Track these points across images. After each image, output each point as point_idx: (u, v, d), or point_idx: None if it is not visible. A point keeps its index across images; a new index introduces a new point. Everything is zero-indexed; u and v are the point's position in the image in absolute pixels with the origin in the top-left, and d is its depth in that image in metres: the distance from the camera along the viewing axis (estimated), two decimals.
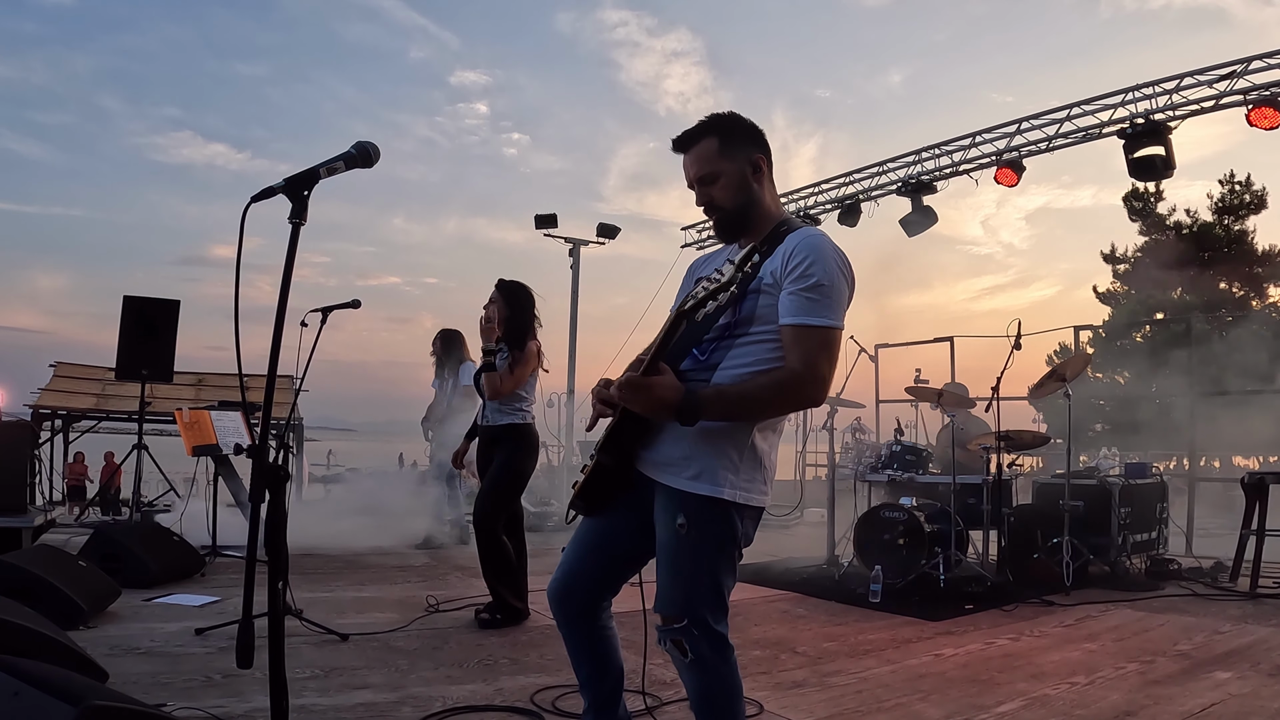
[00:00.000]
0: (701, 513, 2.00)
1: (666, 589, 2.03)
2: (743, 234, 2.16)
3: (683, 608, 2.00)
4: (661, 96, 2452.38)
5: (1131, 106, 8.18)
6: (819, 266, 1.96)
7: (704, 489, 1.99)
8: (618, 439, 2.05)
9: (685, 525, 1.99)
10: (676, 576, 2.02)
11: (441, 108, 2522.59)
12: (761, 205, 2.14)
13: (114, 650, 3.69)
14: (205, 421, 6.50)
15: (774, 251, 2.03)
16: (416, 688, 3.38)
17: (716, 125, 2.13)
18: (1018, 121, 9.20)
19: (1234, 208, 21.25)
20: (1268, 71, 7.31)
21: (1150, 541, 6.67)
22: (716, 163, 2.11)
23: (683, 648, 2.00)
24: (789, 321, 1.96)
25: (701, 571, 2.01)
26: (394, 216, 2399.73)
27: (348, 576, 5.91)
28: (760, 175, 2.14)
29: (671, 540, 2.02)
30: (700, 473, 2.00)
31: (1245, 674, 3.79)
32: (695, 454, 2.00)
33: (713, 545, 2.02)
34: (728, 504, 2.01)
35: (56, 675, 2.04)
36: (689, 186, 2.17)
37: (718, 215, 2.15)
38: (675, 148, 2.16)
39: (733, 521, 2.04)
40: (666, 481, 2.03)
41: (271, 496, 1.83)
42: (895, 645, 4.36)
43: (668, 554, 2.03)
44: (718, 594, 2.03)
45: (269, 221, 2.29)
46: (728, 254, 2.21)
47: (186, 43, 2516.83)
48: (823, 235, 2.07)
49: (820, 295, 1.95)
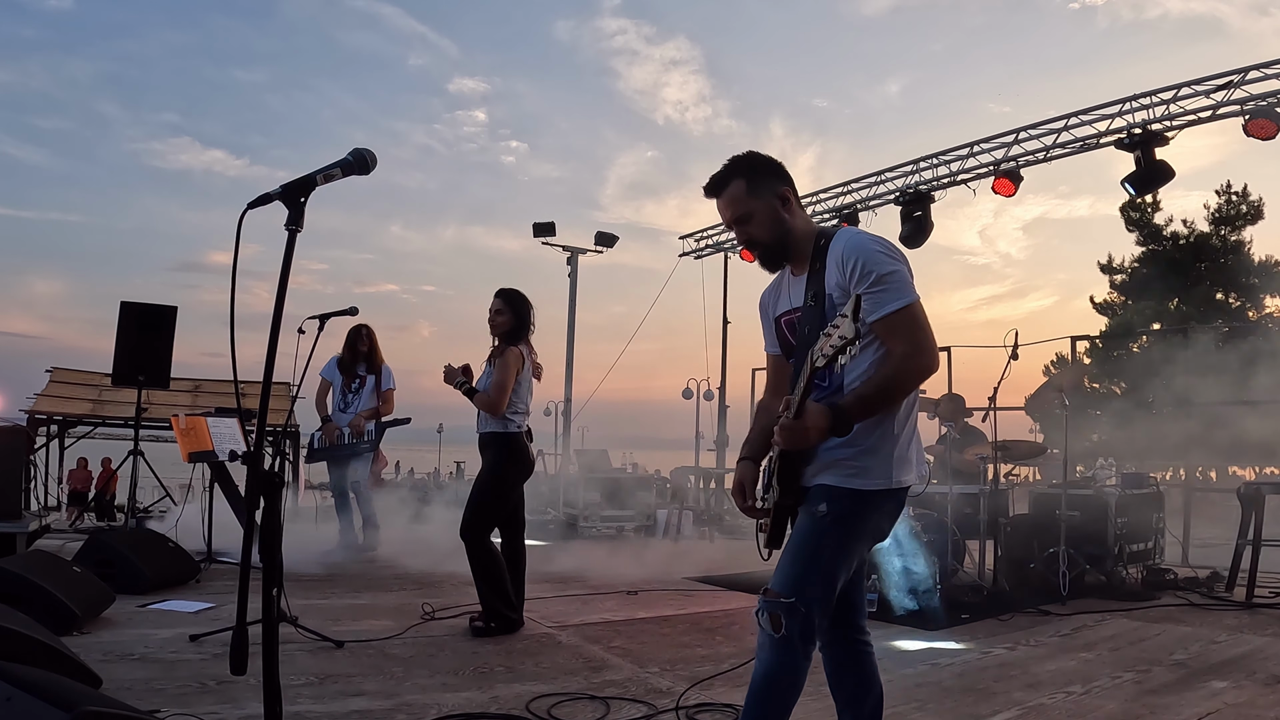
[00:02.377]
0: (843, 503, 2.14)
1: (785, 567, 2.16)
2: (785, 261, 2.36)
3: (794, 588, 2.10)
4: (660, 105, 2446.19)
5: (1129, 117, 8.22)
6: (870, 260, 2.12)
7: (853, 483, 2.14)
8: (788, 476, 2.20)
9: (825, 513, 2.13)
10: (797, 559, 2.15)
11: (440, 115, 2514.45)
12: (795, 233, 2.30)
13: (108, 656, 3.67)
14: (201, 428, 6.49)
15: (826, 266, 2.19)
16: (411, 695, 3.37)
17: (741, 167, 2.29)
18: (1015, 132, 9.24)
19: (1231, 218, 21.32)
20: (1264, 82, 7.35)
21: (1146, 551, 6.67)
22: (748, 203, 2.27)
23: (778, 622, 2.09)
24: (876, 318, 2.11)
25: (822, 558, 2.13)
26: (392, 224, 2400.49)
27: (343, 584, 5.89)
28: (789, 206, 2.30)
29: (807, 525, 2.17)
30: (853, 470, 2.15)
31: (1241, 684, 3.79)
32: (851, 455, 2.15)
33: (843, 533, 2.15)
34: (871, 496, 2.16)
35: (49, 681, 2.03)
36: (727, 227, 2.39)
37: (759, 250, 2.32)
38: (707, 193, 2.33)
39: (871, 514, 2.18)
40: (822, 482, 2.17)
41: (267, 503, 1.83)
42: (891, 655, 4.35)
43: (798, 537, 2.18)
44: (829, 585, 2.14)
45: (266, 228, 2.30)
46: (788, 283, 2.39)
47: (185, 49, 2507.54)
48: (856, 231, 2.25)
49: (886, 283, 2.11)
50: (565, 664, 4.00)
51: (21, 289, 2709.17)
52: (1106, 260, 23.15)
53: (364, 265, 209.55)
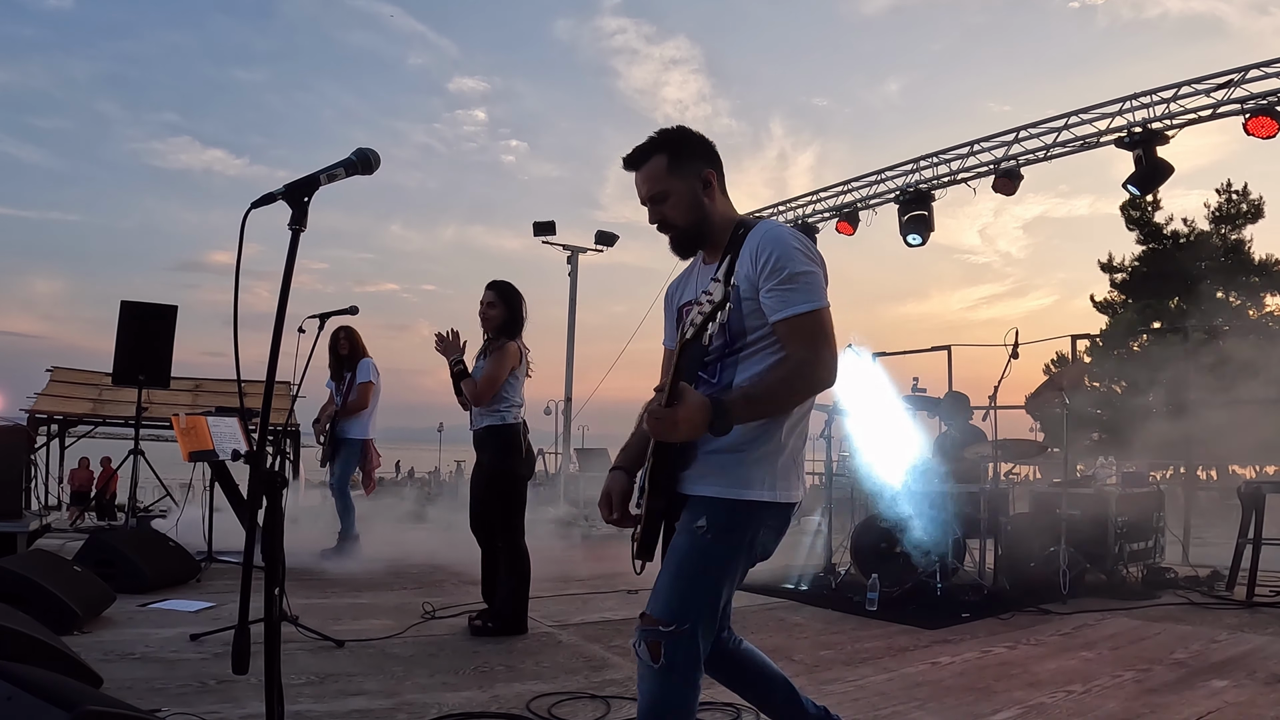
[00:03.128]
0: (724, 517, 1.98)
1: (663, 591, 1.97)
2: (698, 249, 2.21)
3: (675, 613, 1.93)
4: (660, 104, 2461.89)
5: (1129, 116, 8.22)
6: (785, 256, 1.99)
7: (734, 493, 1.99)
8: (659, 480, 2.03)
9: (705, 528, 1.97)
10: (678, 580, 1.97)
11: (440, 115, 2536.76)
12: (713, 219, 2.15)
13: (108, 656, 3.68)
14: (202, 427, 6.49)
15: (740, 256, 2.05)
16: (412, 694, 3.37)
17: (666, 143, 2.14)
18: (1015, 131, 9.23)
19: (1231, 217, 21.33)
20: (1265, 81, 7.34)
21: (1147, 550, 6.67)
22: (666, 181, 2.12)
23: (658, 651, 1.91)
24: (779, 318, 1.97)
25: (706, 577, 1.98)
26: (392, 223, 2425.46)
27: (344, 583, 5.89)
28: (711, 190, 2.15)
29: (685, 543, 2.00)
30: (733, 480, 2.00)
31: (1241, 682, 3.79)
32: (731, 463, 2.01)
33: (726, 550, 1.99)
34: (754, 507, 2.00)
35: (50, 680, 2.03)
36: (641, 203, 2.18)
37: (671, 233, 2.16)
38: (626, 165, 2.16)
39: (755, 527, 2.02)
40: (699, 492, 2.02)
41: (268, 503, 1.83)
42: (892, 653, 4.35)
43: (676, 556, 2.00)
44: (714, 605, 1.99)
45: (267, 228, 2.30)
46: (698, 272, 2.24)
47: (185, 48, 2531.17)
48: (778, 225, 2.10)
49: (797, 283, 1.97)
50: (566, 663, 4.01)
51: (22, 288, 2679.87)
52: (1107, 259, 23.19)
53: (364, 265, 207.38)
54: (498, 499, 4.55)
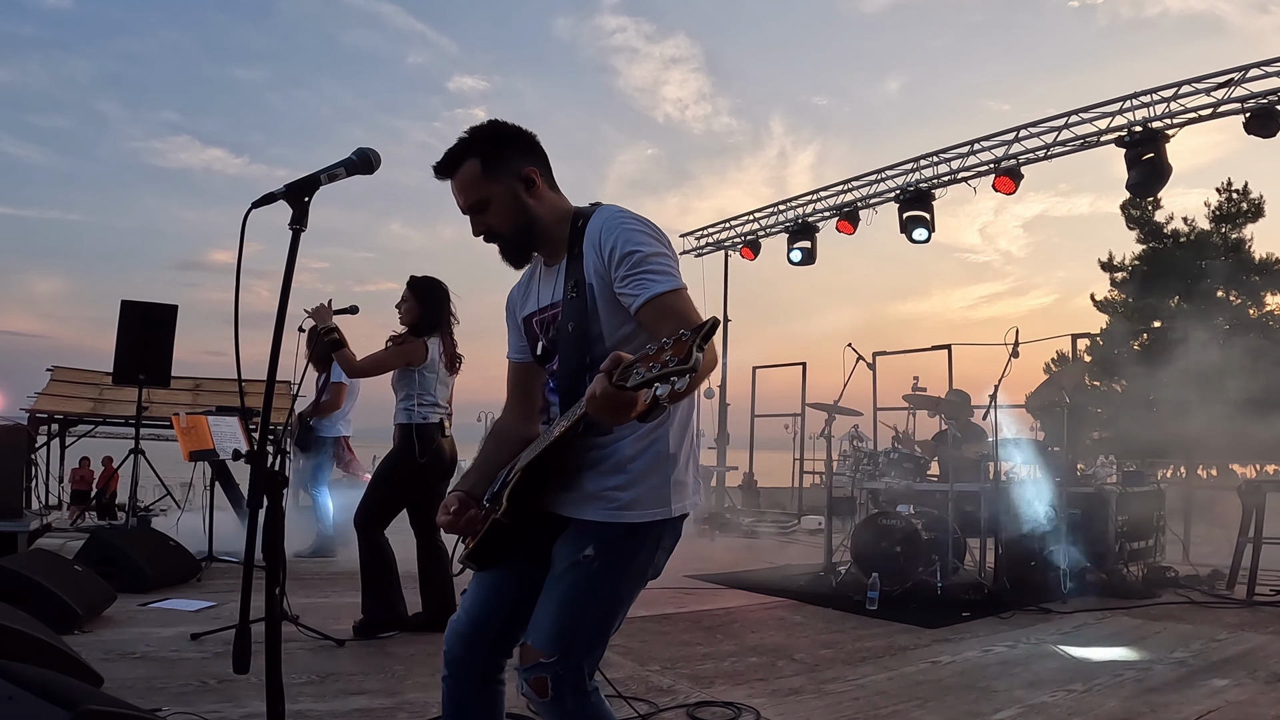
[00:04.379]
0: (616, 542, 1.83)
1: (546, 623, 1.81)
2: (530, 254, 2.02)
3: (558, 644, 1.79)
4: (660, 103, 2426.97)
5: (1129, 115, 8.22)
6: (628, 240, 1.81)
7: (627, 516, 1.83)
8: (523, 498, 1.85)
9: (593, 555, 1.81)
10: (562, 609, 1.81)
11: (440, 113, 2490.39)
12: (541, 221, 1.95)
13: (109, 655, 3.68)
14: (202, 427, 6.49)
15: (584, 251, 1.88)
16: (412, 693, 3.37)
17: (475, 145, 1.93)
18: (1016, 129, 9.23)
19: (1231, 216, 21.31)
20: (1265, 80, 7.34)
21: (1147, 549, 6.68)
22: (483, 188, 1.92)
23: (543, 686, 1.78)
24: (641, 302, 1.77)
25: (594, 605, 1.83)
26: (392, 222, 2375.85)
27: (344, 582, 5.89)
28: (536, 189, 1.95)
29: (569, 573, 1.83)
30: (626, 502, 1.84)
31: (1242, 681, 3.79)
32: (623, 484, 1.85)
33: (617, 577, 1.84)
34: (650, 528, 1.85)
35: (51, 680, 2.03)
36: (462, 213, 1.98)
37: (498, 243, 1.97)
38: (437, 174, 1.97)
39: (651, 549, 1.88)
40: (586, 517, 1.85)
41: (269, 502, 1.82)
42: (892, 652, 4.35)
43: (559, 586, 1.83)
44: (602, 634, 1.86)
45: (267, 227, 2.30)
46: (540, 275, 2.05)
47: (185, 47, 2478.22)
48: (615, 209, 1.91)
49: (647, 265, 1.79)
50: None
51: (22, 288, 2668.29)
52: (1107, 258, 23.15)
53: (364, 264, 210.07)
54: (372, 492, 4.46)
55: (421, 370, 4.46)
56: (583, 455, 1.84)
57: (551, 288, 1.97)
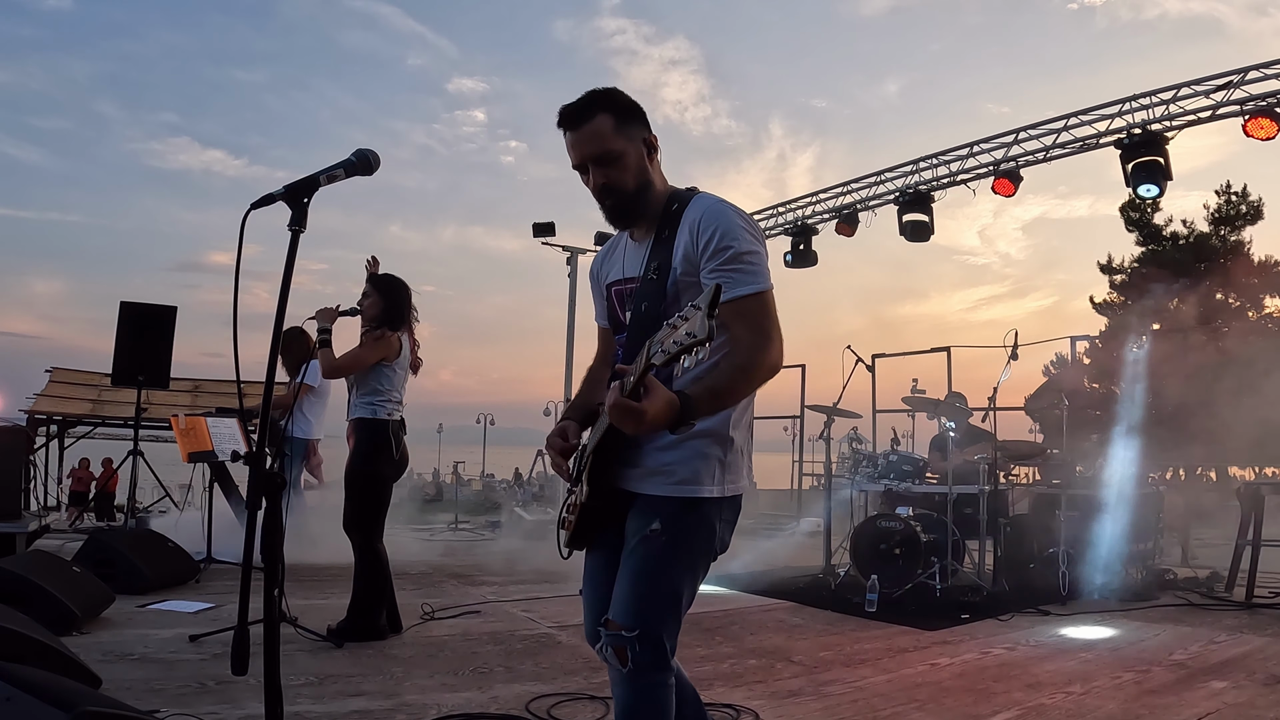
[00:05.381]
0: (680, 518, 1.92)
1: (624, 596, 1.91)
2: (638, 218, 2.05)
3: (636, 617, 1.88)
4: (659, 105, 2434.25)
5: (1129, 117, 8.22)
6: (729, 233, 1.88)
7: (686, 491, 1.93)
8: (599, 476, 1.96)
9: (660, 530, 1.91)
10: (637, 583, 1.91)
11: (439, 115, 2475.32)
12: (655, 188, 2.03)
13: (107, 656, 3.67)
14: (201, 428, 6.49)
15: (677, 233, 1.95)
16: (411, 695, 3.37)
17: (610, 102, 1.99)
18: (1015, 132, 9.24)
19: (1230, 218, 21.32)
20: (1264, 82, 7.35)
21: (1146, 551, 6.68)
22: (613, 140, 1.97)
23: (624, 656, 1.87)
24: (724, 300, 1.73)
25: (666, 580, 1.92)
26: (391, 224, 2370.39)
27: (343, 584, 5.88)
28: (654, 156, 2.05)
29: (640, 547, 1.93)
30: (684, 477, 1.93)
31: (1241, 683, 3.79)
32: (680, 460, 1.94)
33: (684, 551, 1.93)
34: (709, 504, 1.95)
35: (49, 681, 2.03)
36: (576, 167, 2.03)
37: (614, 199, 2.00)
38: (565, 123, 2.00)
39: (712, 524, 1.97)
40: (648, 491, 1.95)
41: (268, 504, 1.82)
42: (891, 655, 4.35)
43: (632, 561, 1.93)
44: (676, 606, 1.94)
45: (267, 229, 2.30)
46: (625, 248, 2.13)
47: (184, 49, 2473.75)
48: (719, 199, 1.99)
49: (742, 263, 1.87)
50: (565, 664, 4.01)
51: (21, 289, 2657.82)
52: (1106, 260, 23.17)
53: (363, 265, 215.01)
54: (355, 497, 4.37)
55: (393, 366, 4.42)
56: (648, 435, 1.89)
57: (636, 263, 2.04)
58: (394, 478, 4.51)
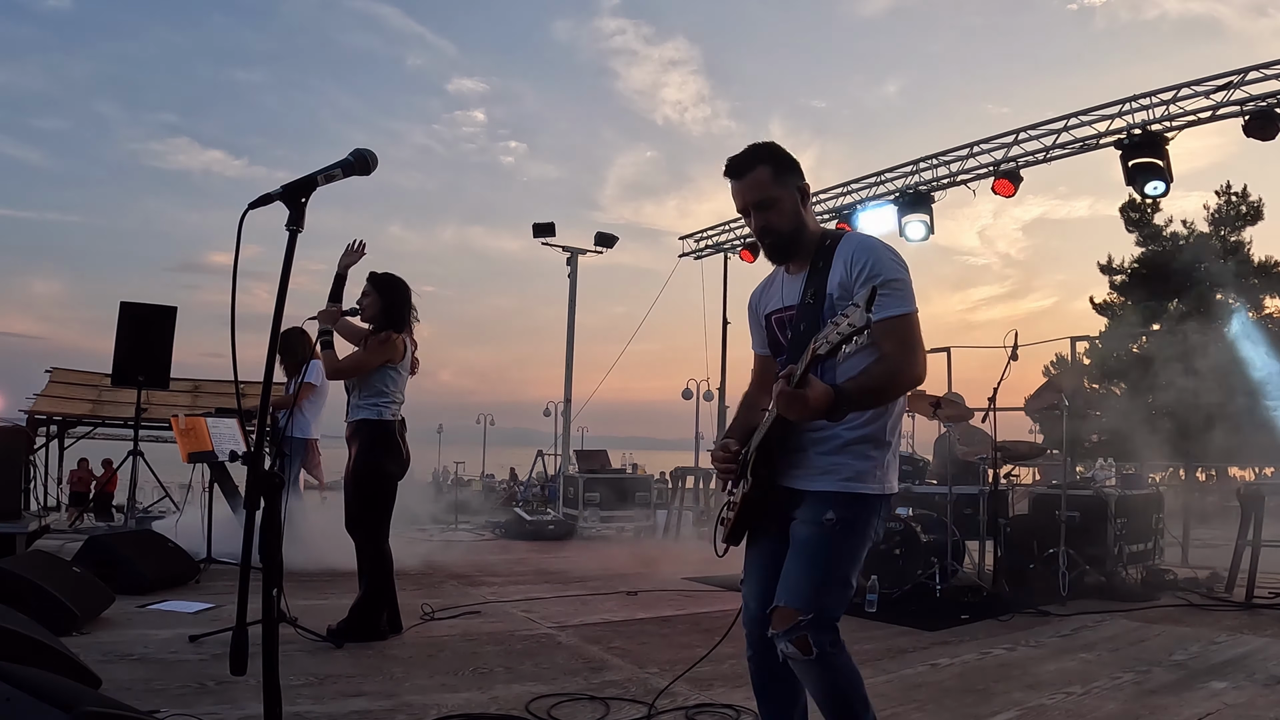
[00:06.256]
0: (850, 509, 2.15)
1: (798, 581, 2.12)
2: (793, 255, 2.34)
3: (811, 601, 2.08)
4: (659, 105, 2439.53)
5: (1129, 117, 8.22)
6: (879, 263, 2.16)
7: (854, 487, 2.16)
8: (763, 469, 2.20)
9: (834, 520, 2.13)
10: (812, 570, 2.12)
11: (439, 115, 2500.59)
12: (808, 229, 2.32)
13: (107, 656, 3.67)
14: (201, 428, 6.50)
15: (832, 264, 2.21)
16: (411, 695, 3.36)
17: (768, 154, 2.28)
18: (1015, 132, 9.23)
19: (1230, 219, 21.34)
20: (1264, 82, 7.34)
21: (1146, 552, 6.67)
22: (771, 189, 2.26)
23: (806, 645, 2.06)
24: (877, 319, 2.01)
25: (838, 565, 2.14)
26: (390, 224, 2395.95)
27: (342, 584, 5.88)
28: (807, 202, 2.33)
29: (814, 535, 2.14)
30: (851, 475, 2.17)
31: (1241, 684, 3.79)
32: (846, 461, 2.18)
33: (855, 539, 2.17)
34: (872, 499, 2.19)
35: (49, 681, 2.03)
36: (740, 211, 2.33)
37: (773, 239, 2.31)
38: (731, 174, 2.30)
39: (874, 517, 2.21)
40: (819, 487, 2.17)
41: (267, 504, 1.82)
42: (891, 655, 4.35)
43: (807, 548, 2.15)
44: (845, 589, 2.16)
45: (266, 229, 2.29)
46: (782, 281, 2.39)
47: (184, 49, 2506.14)
48: (868, 236, 2.30)
49: (892, 288, 2.11)
50: (565, 664, 4.00)
51: (21, 289, 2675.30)
52: (1106, 261, 23.19)
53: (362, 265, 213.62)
54: (362, 496, 4.35)
55: (397, 367, 4.42)
56: (805, 435, 2.19)
57: (794, 292, 2.31)
58: (399, 476, 4.51)
